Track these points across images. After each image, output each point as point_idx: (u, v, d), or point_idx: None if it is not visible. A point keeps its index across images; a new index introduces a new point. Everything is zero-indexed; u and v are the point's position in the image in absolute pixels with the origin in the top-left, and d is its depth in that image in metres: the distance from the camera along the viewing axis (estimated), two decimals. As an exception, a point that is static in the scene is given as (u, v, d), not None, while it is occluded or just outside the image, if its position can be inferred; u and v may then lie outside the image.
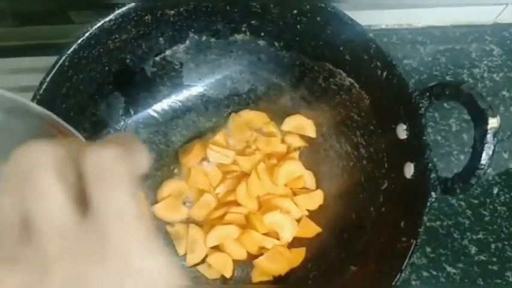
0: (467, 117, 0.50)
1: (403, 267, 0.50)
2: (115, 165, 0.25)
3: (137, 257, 0.24)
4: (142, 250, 0.24)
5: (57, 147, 0.25)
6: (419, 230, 0.51)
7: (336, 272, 0.60)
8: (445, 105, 0.75)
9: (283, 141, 0.67)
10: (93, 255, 0.24)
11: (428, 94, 0.53)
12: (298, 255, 0.63)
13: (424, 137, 0.53)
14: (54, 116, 0.34)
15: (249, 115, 0.69)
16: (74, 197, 0.24)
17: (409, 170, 0.55)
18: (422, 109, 0.53)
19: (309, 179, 0.66)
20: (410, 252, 0.51)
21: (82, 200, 0.24)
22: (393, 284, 0.50)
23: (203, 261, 0.63)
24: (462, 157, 0.72)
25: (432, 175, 0.52)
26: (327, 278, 0.60)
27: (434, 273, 0.66)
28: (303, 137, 0.68)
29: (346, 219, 0.63)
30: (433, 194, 0.52)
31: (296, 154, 0.66)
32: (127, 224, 0.24)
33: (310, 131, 0.68)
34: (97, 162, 0.25)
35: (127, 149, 0.26)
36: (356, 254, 0.59)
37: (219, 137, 0.67)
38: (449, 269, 0.66)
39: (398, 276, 0.50)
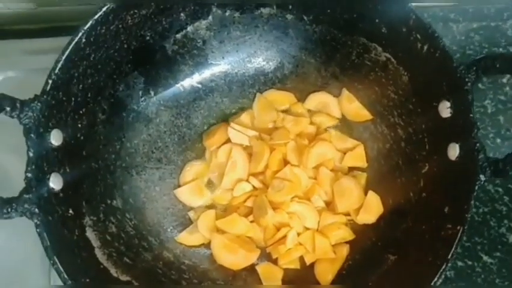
0: (503, 98, 0.47)
1: (449, 256, 0.47)
2: None
3: None
4: None
5: None
6: (467, 215, 0.48)
7: (372, 262, 0.56)
8: (480, 85, 0.71)
9: (311, 122, 0.64)
10: None
11: (475, 68, 0.50)
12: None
13: (471, 115, 0.49)
14: None
15: (275, 95, 0.66)
16: None
17: (454, 151, 0.52)
18: (469, 84, 0.50)
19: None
20: (457, 240, 0.47)
21: None
22: (438, 274, 0.47)
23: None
24: (498, 140, 0.69)
25: (481, 156, 0.49)
26: (363, 268, 0.57)
27: (470, 263, 0.63)
28: (332, 116, 0.64)
29: (382, 206, 0.59)
30: (482, 176, 0.48)
31: (327, 135, 0.63)
32: None
33: (335, 109, 0.64)
34: None
35: None
36: (394, 243, 0.56)
37: (244, 117, 0.64)
38: (485, 258, 0.63)
39: (443, 266, 0.47)
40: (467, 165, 0.49)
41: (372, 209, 0.60)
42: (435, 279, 0.47)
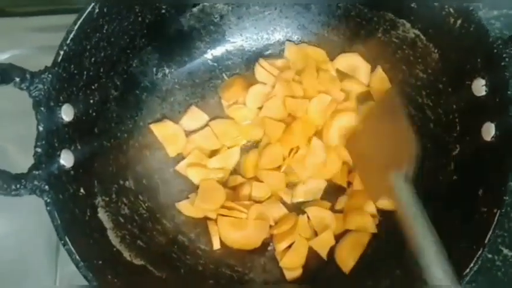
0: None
1: (486, 240, 0.45)
2: None
3: None
4: None
5: None
6: (504, 197, 0.45)
7: (400, 248, 0.51)
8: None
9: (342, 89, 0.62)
10: None
11: (513, 42, 0.47)
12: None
13: (508, 92, 0.47)
14: None
15: (306, 48, 0.63)
16: None
17: (489, 131, 0.49)
18: (506, 60, 0.47)
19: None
20: (494, 223, 0.45)
21: None
22: (475, 259, 0.44)
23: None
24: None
25: (519, 135, 0.46)
26: (390, 255, 0.54)
27: (489, 256, 0.61)
28: (361, 83, 0.62)
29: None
30: (521, 156, 0.46)
31: (354, 103, 0.60)
32: None
33: (364, 75, 0.62)
34: None
35: None
36: None
37: (280, 62, 0.62)
38: (505, 251, 0.61)
39: (480, 251, 0.45)
40: (504, 145, 0.47)
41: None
42: (472, 264, 0.44)
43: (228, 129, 0.60)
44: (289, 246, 0.56)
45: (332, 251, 0.57)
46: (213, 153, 0.60)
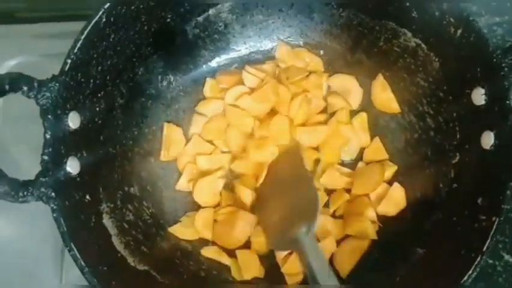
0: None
1: (484, 248, 0.45)
2: None
3: None
4: None
5: None
6: (503, 206, 0.46)
7: (399, 255, 0.54)
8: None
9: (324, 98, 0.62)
10: None
11: (513, 52, 0.47)
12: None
13: (507, 101, 0.47)
14: None
15: (303, 53, 0.63)
16: None
17: (488, 139, 0.49)
18: (505, 69, 0.47)
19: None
20: (492, 231, 0.46)
21: None
22: (473, 266, 0.45)
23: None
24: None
25: (518, 144, 0.46)
26: (389, 262, 0.55)
27: (490, 261, 0.61)
28: (348, 103, 0.62)
29: (409, 198, 0.58)
30: (520, 165, 0.46)
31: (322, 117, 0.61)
32: None
33: (354, 99, 0.62)
34: None
35: None
36: (422, 236, 0.54)
37: (267, 65, 0.63)
38: (506, 257, 0.62)
39: (478, 259, 0.45)
40: (503, 154, 0.47)
41: (394, 202, 0.58)
42: (470, 272, 0.45)
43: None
44: (291, 253, 0.56)
45: (331, 256, 0.57)
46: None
